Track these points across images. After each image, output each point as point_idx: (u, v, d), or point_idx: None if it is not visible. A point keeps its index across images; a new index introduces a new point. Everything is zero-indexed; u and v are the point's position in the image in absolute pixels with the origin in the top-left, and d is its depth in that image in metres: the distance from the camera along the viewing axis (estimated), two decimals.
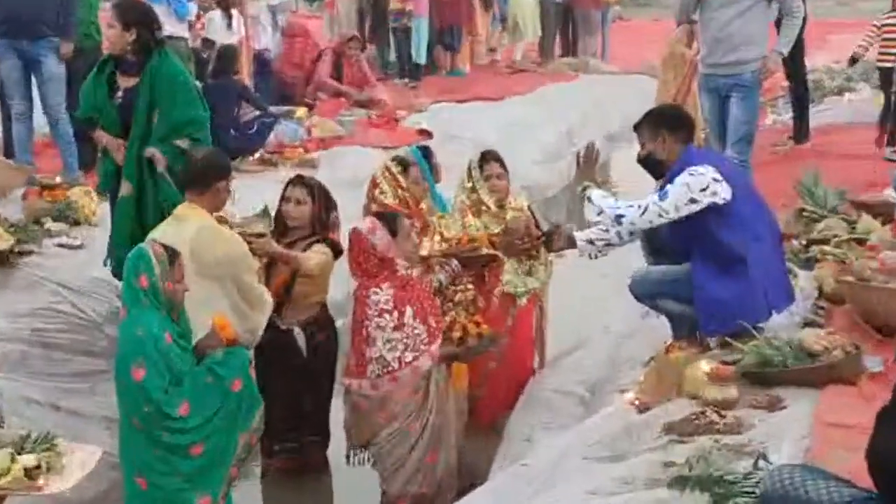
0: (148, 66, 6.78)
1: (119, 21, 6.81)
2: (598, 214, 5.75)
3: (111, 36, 6.93)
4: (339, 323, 6.88)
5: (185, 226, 5.90)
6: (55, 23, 9.47)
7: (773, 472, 3.60)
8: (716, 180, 5.49)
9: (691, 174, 5.50)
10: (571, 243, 6.13)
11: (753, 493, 3.84)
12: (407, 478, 6.09)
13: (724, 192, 5.50)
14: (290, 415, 6.61)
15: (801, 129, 11.62)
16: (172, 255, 5.27)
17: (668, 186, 5.56)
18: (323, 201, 6.63)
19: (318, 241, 6.51)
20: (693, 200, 5.47)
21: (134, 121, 6.79)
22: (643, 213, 5.55)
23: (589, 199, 5.80)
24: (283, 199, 6.65)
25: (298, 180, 6.72)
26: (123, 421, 5.25)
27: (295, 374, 6.58)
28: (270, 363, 6.50)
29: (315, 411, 6.73)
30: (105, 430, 6.19)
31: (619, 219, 5.63)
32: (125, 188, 6.84)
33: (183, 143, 6.70)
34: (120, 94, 6.92)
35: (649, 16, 28.41)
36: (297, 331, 6.55)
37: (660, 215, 5.52)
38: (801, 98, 11.64)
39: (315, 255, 6.41)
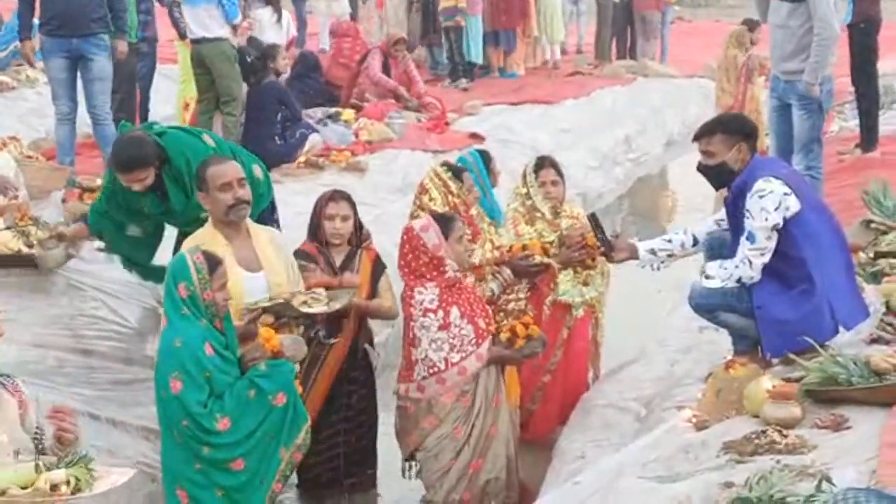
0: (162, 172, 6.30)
1: (143, 171, 6.20)
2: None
3: (145, 186, 6.26)
4: (383, 336, 6.79)
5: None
6: (104, 19, 9.36)
7: (836, 495, 3.55)
8: (786, 194, 5.40)
9: (761, 196, 5.40)
10: (633, 254, 6.02)
11: None
12: (451, 486, 6.03)
13: (793, 206, 5.41)
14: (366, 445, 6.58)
15: (868, 137, 11.34)
16: (213, 263, 5.17)
17: (747, 222, 5.44)
18: (356, 212, 6.50)
19: (359, 254, 6.42)
20: (775, 222, 5.39)
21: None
22: (750, 265, 5.46)
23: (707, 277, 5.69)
24: (326, 216, 6.33)
25: (339, 196, 6.45)
26: (164, 433, 5.22)
27: (364, 395, 6.52)
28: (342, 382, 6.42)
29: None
30: (144, 440, 6.14)
31: (740, 283, 5.53)
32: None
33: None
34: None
35: (710, 17, 28.11)
36: (370, 349, 6.52)
37: (762, 254, 5.43)
38: (869, 104, 11.35)
39: (385, 293, 6.39)
